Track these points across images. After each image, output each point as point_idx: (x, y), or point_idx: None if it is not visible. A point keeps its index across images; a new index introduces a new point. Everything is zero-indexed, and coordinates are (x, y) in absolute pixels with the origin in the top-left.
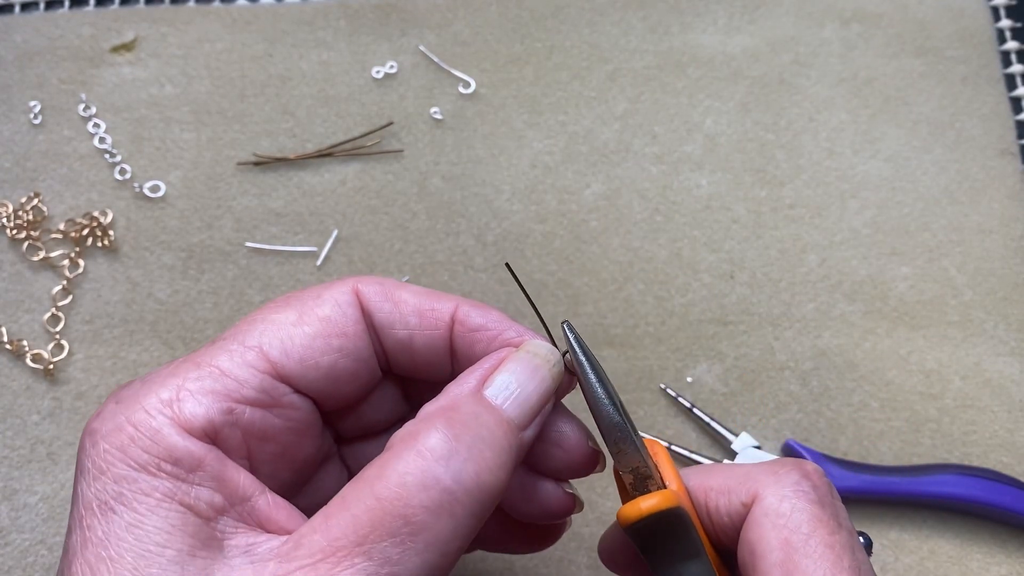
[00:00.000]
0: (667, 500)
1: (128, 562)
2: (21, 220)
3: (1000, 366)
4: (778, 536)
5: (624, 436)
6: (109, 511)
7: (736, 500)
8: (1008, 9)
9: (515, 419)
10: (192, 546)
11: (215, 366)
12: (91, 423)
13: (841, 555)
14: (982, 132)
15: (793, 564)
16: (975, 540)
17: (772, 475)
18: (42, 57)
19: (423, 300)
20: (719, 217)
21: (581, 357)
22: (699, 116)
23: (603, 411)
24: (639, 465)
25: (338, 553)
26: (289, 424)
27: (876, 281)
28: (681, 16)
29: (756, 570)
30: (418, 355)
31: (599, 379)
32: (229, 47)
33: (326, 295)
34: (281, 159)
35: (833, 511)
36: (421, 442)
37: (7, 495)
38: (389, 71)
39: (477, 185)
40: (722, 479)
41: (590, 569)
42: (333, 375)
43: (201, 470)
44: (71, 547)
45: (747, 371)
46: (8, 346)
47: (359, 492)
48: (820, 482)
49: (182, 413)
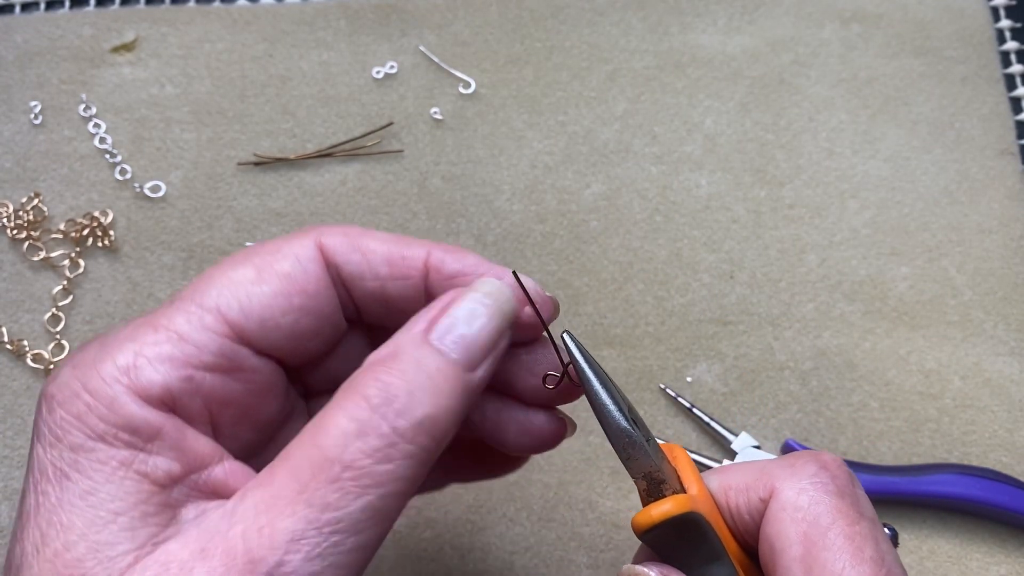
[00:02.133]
0: (680, 505)
1: (78, 528)
2: (21, 220)
3: (1000, 366)
4: (797, 530)
5: (632, 442)
6: (64, 478)
7: (754, 496)
8: (1008, 9)
9: (461, 360)
10: (145, 513)
11: (173, 330)
12: (47, 387)
13: (862, 546)
14: (982, 132)
15: (813, 558)
16: (975, 540)
17: (788, 468)
18: (42, 57)
19: (392, 247)
20: (719, 217)
21: (584, 365)
22: (699, 116)
23: (608, 419)
24: (651, 470)
25: (279, 503)
26: (250, 387)
27: (876, 281)
28: (681, 16)
29: (777, 566)
30: (392, 305)
31: (604, 386)
32: (229, 47)
33: (286, 249)
34: (281, 159)
35: (853, 500)
36: (361, 391)
37: (7, 495)
38: (389, 71)
39: (477, 185)
40: (740, 476)
41: (590, 569)
42: (295, 334)
43: (159, 439)
44: (25, 512)
45: (747, 371)
46: (8, 346)
47: (301, 444)
48: (839, 472)
49: (139, 381)
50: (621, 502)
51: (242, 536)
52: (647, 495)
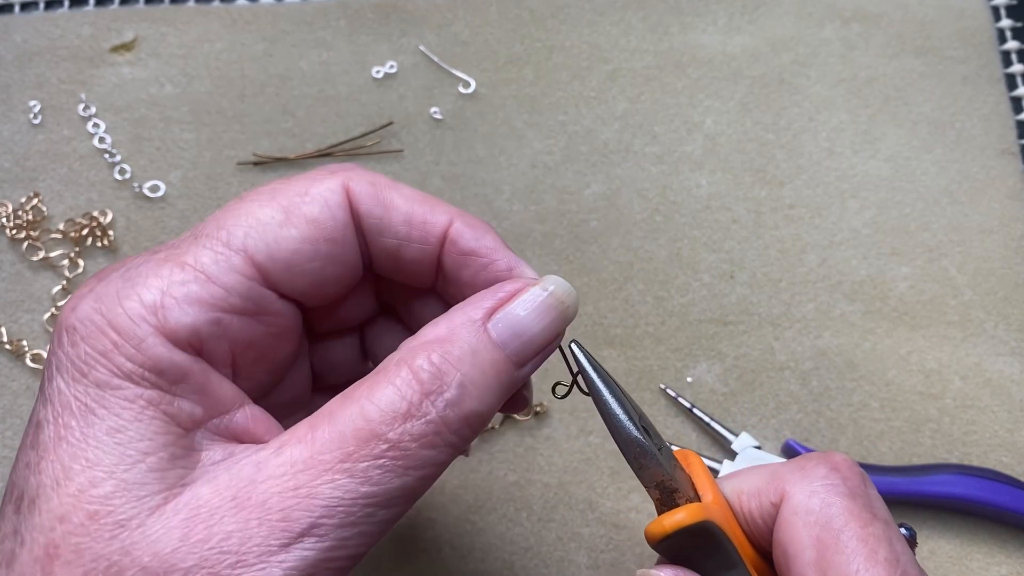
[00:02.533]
0: (693, 515)
1: (106, 465)
2: (21, 220)
3: (1000, 366)
4: (809, 534)
5: (643, 451)
6: (90, 413)
7: (766, 501)
8: (1008, 9)
9: (515, 358)
10: (173, 455)
11: (200, 270)
12: (68, 317)
13: (876, 548)
14: (982, 132)
15: (827, 562)
16: (975, 540)
17: (799, 471)
18: (42, 57)
19: (416, 208)
20: (719, 217)
21: (593, 375)
22: (699, 116)
23: (619, 429)
24: (664, 479)
25: (319, 466)
26: (271, 329)
27: (876, 281)
28: (681, 16)
29: (791, 571)
30: (404, 264)
31: (614, 396)
32: (229, 47)
33: (313, 191)
34: (281, 159)
35: (866, 502)
36: (414, 369)
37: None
38: (389, 71)
39: (477, 185)
40: (752, 481)
41: (590, 569)
42: (319, 280)
43: (185, 382)
44: (42, 442)
45: (747, 371)
46: (8, 346)
47: (347, 410)
48: (850, 473)
49: (167, 322)
50: (621, 502)
51: (279, 492)
52: (660, 504)
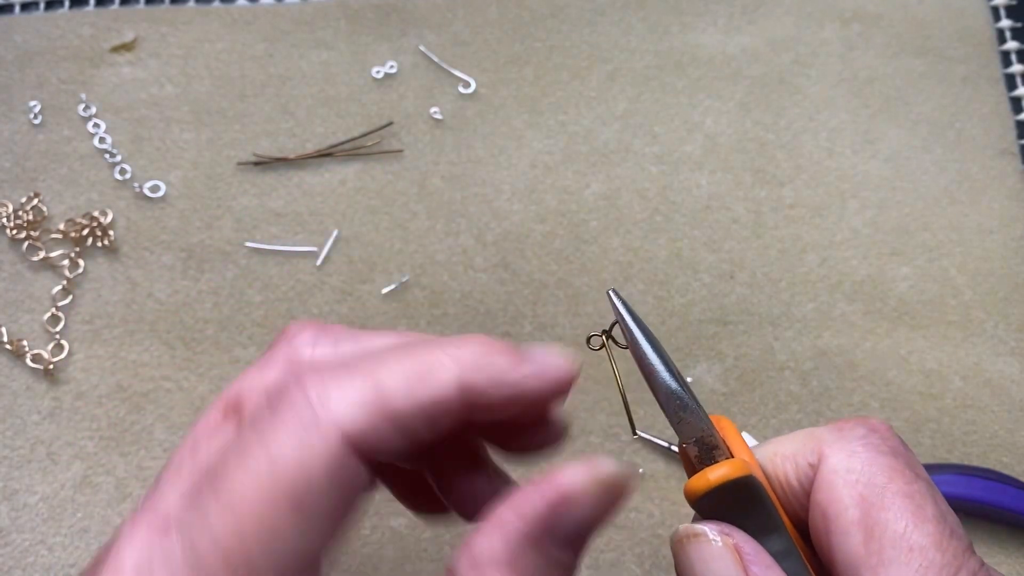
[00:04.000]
0: (737, 469)
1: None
2: (21, 220)
3: (1000, 366)
4: (851, 493)
5: (684, 404)
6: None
7: (803, 462)
8: (1008, 9)
9: (568, 562)
10: None
11: None
12: None
13: (922, 504)
14: (982, 132)
15: (872, 519)
16: (975, 540)
17: (837, 431)
18: (42, 57)
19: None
20: (719, 217)
21: (631, 324)
22: (699, 116)
23: (659, 379)
24: (704, 434)
25: None
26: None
27: (876, 281)
28: (681, 16)
29: (831, 534)
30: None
31: (653, 347)
32: (229, 47)
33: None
34: (281, 159)
35: (908, 461)
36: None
37: (7, 495)
38: (389, 71)
39: (477, 185)
40: (787, 444)
41: (590, 569)
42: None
43: None
44: None
45: (747, 371)
46: (8, 346)
47: None
48: (888, 434)
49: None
50: None
51: None
52: (699, 461)
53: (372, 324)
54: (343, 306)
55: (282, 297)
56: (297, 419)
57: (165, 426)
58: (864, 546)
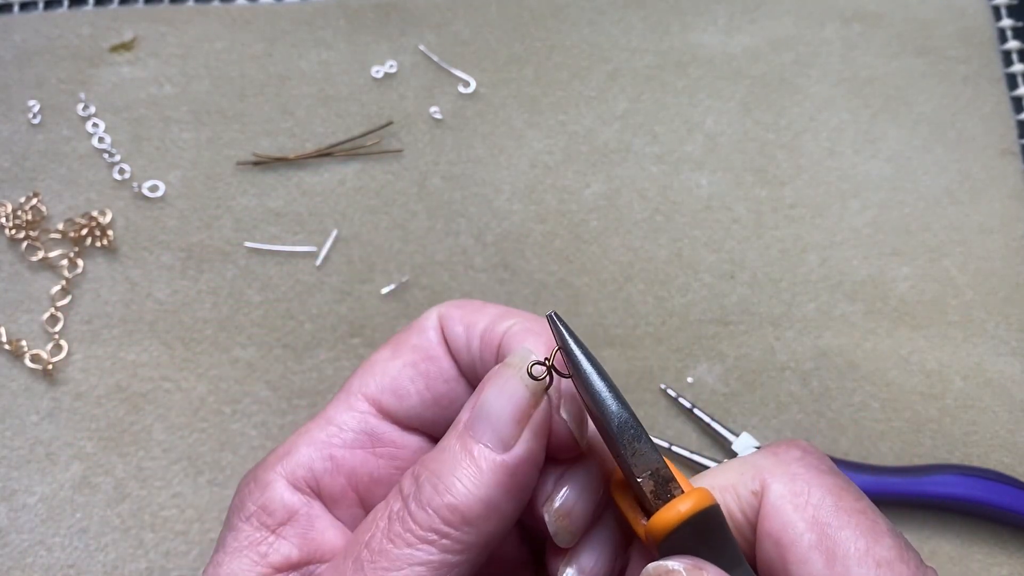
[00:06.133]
0: (704, 499)
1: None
2: (20, 220)
3: (1001, 366)
4: (803, 517)
5: (638, 434)
6: (217, 551)
7: (745, 492)
8: (1009, 8)
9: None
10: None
11: (323, 416)
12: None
13: (875, 519)
14: (983, 132)
15: (830, 540)
16: (976, 540)
17: (773, 456)
18: (41, 57)
19: (490, 322)
20: (719, 217)
21: (573, 347)
22: (700, 116)
23: (608, 408)
24: (659, 467)
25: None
26: (397, 463)
27: (877, 281)
28: (681, 15)
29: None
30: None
31: (598, 372)
32: (228, 47)
33: (417, 324)
34: (281, 159)
35: (844, 478)
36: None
37: (6, 495)
38: (389, 71)
39: (477, 185)
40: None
41: None
42: (430, 401)
43: (289, 524)
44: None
45: (748, 371)
46: (7, 346)
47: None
48: (820, 453)
49: (288, 465)
50: None
51: None
52: (655, 497)
53: (372, 324)
54: (343, 306)
55: (281, 297)
56: None
57: (164, 426)
58: (827, 569)
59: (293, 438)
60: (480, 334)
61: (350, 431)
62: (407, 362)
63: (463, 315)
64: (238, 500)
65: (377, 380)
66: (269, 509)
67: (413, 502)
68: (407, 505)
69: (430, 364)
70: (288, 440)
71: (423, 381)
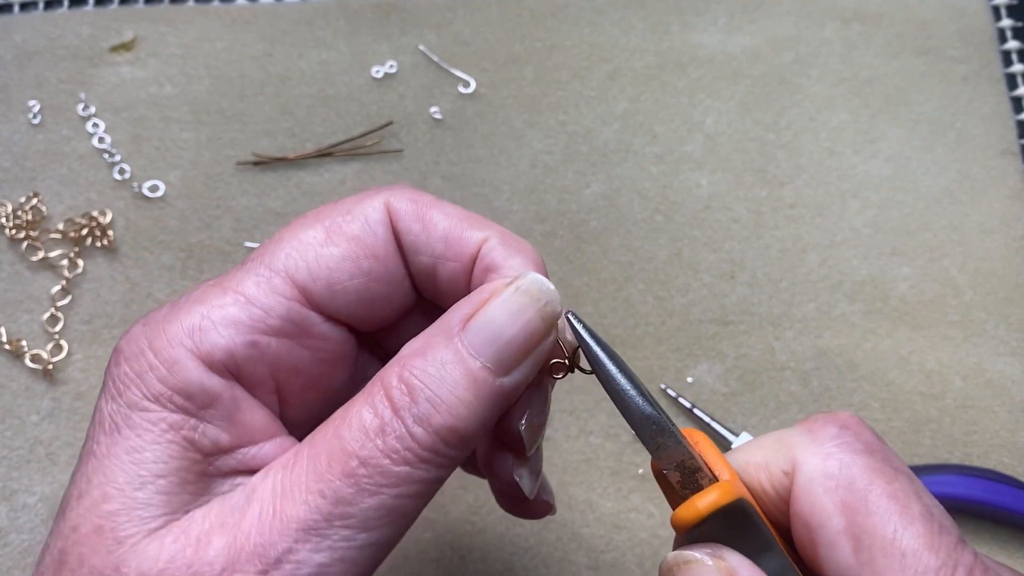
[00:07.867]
0: (727, 494)
1: (118, 482)
2: (20, 220)
3: (1001, 366)
4: (833, 499)
5: (661, 428)
6: (116, 431)
7: (776, 471)
8: (1009, 8)
9: (494, 366)
10: (184, 480)
11: (240, 293)
12: (119, 342)
13: (907, 503)
14: (983, 132)
15: (858, 526)
16: (976, 541)
17: (808, 434)
18: (41, 57)
19: (454, 225)
20: (719, 217)
21: (594, 346)
22: (699, 116)
23: (631, 403)
24: (684, 458)
25: (295, 489)
26: (319, 354)
27: (877, 281)
28: (681, 15)
29: (818, 546)
30: (440, 285)
31: (621, 370)
32: (228, 47)
33: (356, 210)
34: (281, 159)
35: (884, 456)
36: (386, 386)
37: (6, 495)
38: (389, 71)
39: (477, 185)
40: (759, 452)
41: (590, 570)
42: (365, 299)
43: (213, 407)
44: (80, 458)
45: (748, 371)
46: (7, 346)
47: (325, 431)
48: (861, 428)
49: (203, 345)
50: (621, 503)
51: (257, 517)
52: (682, 487)
53: None
54: None
55: None
56: None
57: None
58: (855, 556)
59: (195, 306)
60: (443, 237)
61: (276, 318)
62: (346, 255)
63: (417, 210)
64: (131, 370)
65: (310, 267)
66: (188, 392)
67: (411, 418)
68: (403, 421)
69: (375, 263)
70: (187, 307)
71: (364, 280)
